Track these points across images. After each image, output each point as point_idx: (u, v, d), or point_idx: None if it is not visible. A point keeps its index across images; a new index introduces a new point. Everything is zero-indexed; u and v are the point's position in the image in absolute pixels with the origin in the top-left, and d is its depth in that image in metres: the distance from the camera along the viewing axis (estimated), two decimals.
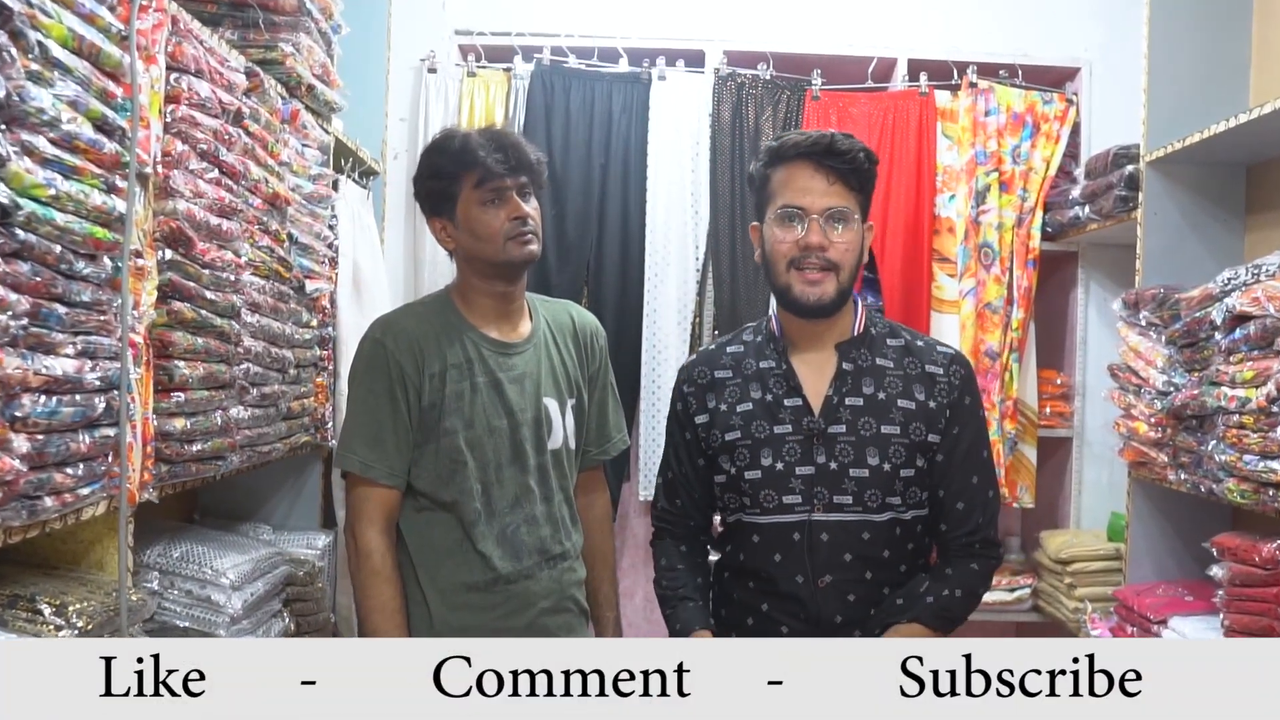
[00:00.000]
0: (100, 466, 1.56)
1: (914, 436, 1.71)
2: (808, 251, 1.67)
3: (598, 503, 2.21)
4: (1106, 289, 3.33)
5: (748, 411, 1.76)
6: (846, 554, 1.69)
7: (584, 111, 3.31)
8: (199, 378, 1.84)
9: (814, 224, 1.67)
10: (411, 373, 1.90)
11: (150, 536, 2.11)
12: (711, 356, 1.86)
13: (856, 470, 1.69)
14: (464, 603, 1.93)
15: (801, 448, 1.71)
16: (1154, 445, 2.52)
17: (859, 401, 1.72)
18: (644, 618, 3.42)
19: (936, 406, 1.73)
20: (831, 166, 1.67)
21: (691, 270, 3.32)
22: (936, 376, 1.74)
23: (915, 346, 1.78)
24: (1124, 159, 2.86)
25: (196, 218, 1.81)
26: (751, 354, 1.81)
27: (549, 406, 2.01)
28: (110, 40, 1.54)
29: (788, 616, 1.72)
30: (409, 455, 1.92)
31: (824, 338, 1.76)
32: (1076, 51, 3.40)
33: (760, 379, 1.77)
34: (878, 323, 1.81)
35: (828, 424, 1.70)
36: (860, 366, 1.74)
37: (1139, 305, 2.60)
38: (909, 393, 1.73)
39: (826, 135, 1.68)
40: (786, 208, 1.69)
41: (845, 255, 1.68)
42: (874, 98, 3.37)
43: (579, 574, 2.07)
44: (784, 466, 1.71)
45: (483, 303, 1.99)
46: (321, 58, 2.52)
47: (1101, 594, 2.96)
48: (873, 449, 1.70)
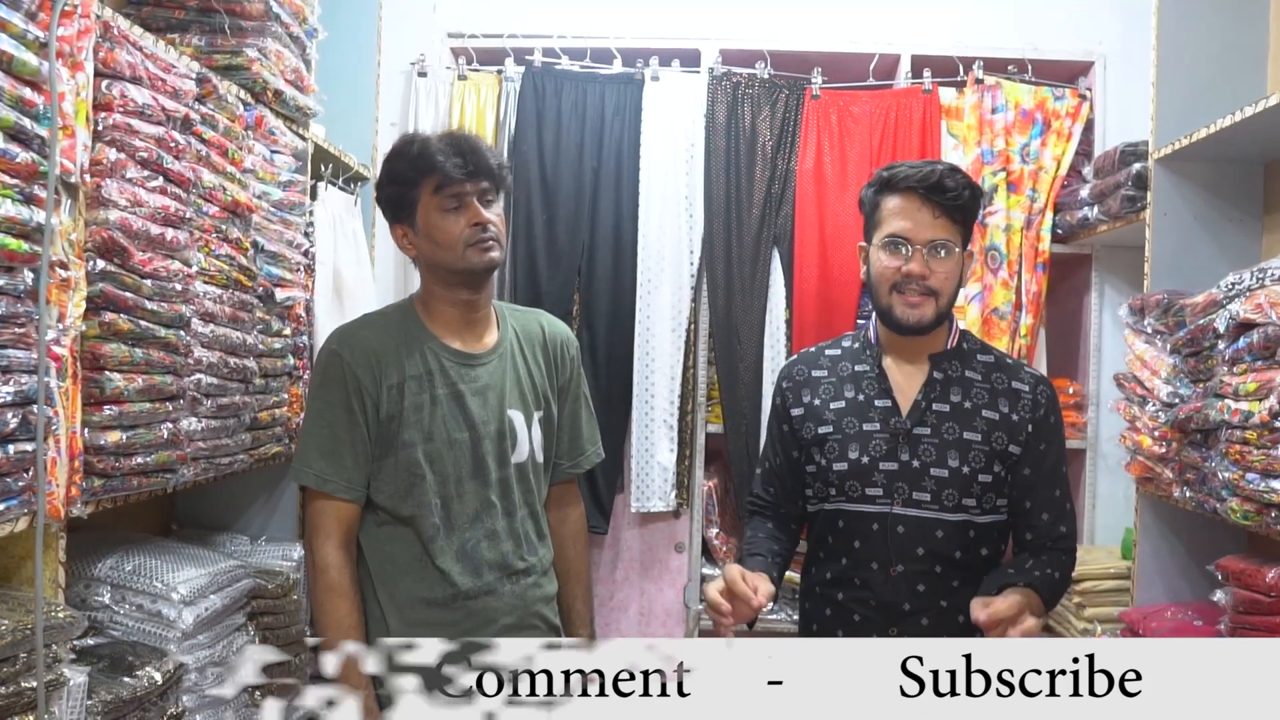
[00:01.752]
0: (17, 482, 1.53)
1: (995, 445, 1.81)
2: (909, 279, 1.78)
3: (571, 517, 2.16)
4: (1122, 293, 3.19)
5: (840, 409, 1.88)
6: (920, 548, 1.79)
7: (576, 114, 3.24)
8: (137, 390, 1.80)
9: (918, 254, 1.78)
10: (369, 384, 1.87)
11: (106, 549, 2.08)
12: (811, 357, 2.00)
13: (937, 470, 1.80)
14: (423, 619, 1.89)
15: (887, 445, 1.82)
16: (1159, 460, 2.39)
17: (945, 408, 1.83)
18: (638, 631, 3.34)
19: (1019, 420, 1.83)
20: (938, 201, 1.77)
21: (686, 276, 3.23)
22: (1022, 393, 1.86)
23: (1005, 364, 1.91)
24: (1131, 156, 2.73)
25: (133, 227, 1.77)
26: (849, 358, 1.94)
27: (513, 419, 1.97)
28: (27, 47, 1.51)
29: (860, 605, 1.83)
30: (367, 468, 1.89)
31: (918, 349, 1.87)
32: (1090, 45, 3.26)
33: (855, 380, 1.90)
34: (970, 340, 1.93)
35: (914, 425, 1.82)
36: (950, 376, 1.86)
37: (1145, 311, 2.47)
38: (994, 404, 1.84)
39: (936, 171, 1.78)
40: (893, 236, 1.80)
41: (945, 283, 1.80)
42: (876, 96, 3.26)
43: (546, 590, 2.02)
44: (869, 461, 1.82)
45: (446, 312, 1.96)
46: (294, 62, 2.48)
47: (1111, 615, 2.82)
48: (954, 452, 1.80)
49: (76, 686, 1.63)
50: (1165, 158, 2.56)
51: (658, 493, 3.22)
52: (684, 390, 3.25)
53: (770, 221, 3.24)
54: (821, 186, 3.21)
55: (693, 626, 3.30)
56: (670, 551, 3.35)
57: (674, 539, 3.35)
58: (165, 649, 1.96)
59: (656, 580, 3.35)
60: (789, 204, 3.23)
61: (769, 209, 3.24)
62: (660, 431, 3.22)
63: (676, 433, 3.24)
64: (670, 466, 3.23)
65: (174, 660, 1.93)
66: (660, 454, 3.22)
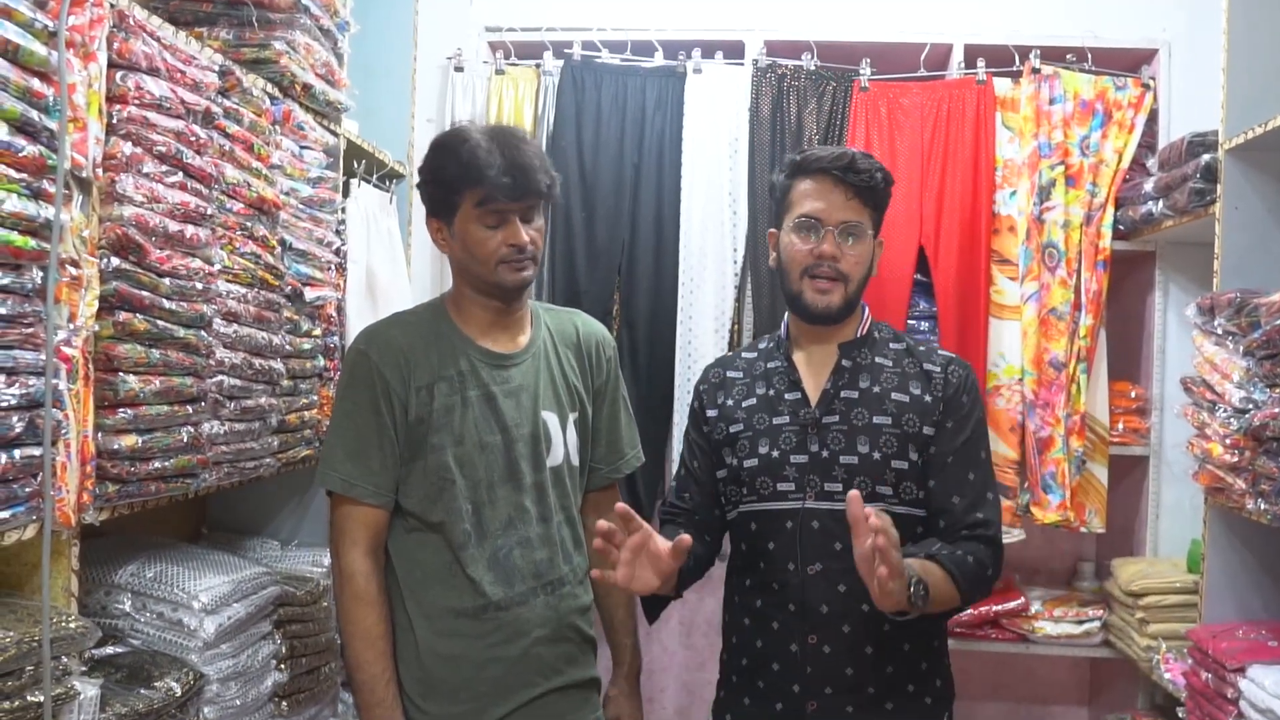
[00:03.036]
0: (24, 488, 1.47)
1: (907, 428, 1.77)
2: (820, 260, 1.76)
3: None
4: (1189, 293, 3.03)
5: (751, 406, 1.85)
6: (837, 543, 1.71)
7: (616, 108, 3.16)
8: (154, 392, 1.74)
9: (829, 235, 1.76)
10: (397, 386, 1.81)
11: (128, 555, 2.03)
12: (728, 360, 1.99)
13: (846, 458, 1.75)
14: (452, 630, 1.83)
15: (797, 437, 1.79)
16: (1231, 469, 2.24)
17: (854, 394, 1.80)
18: (680, 643, 3.26)
19: (932, 401, 1.79)
20: (850, 182, 1.76)
21: (729, 274, 3.13)
22: (933, 374, 1.81)
23: (916, 350, 1.86)
24: (1200, 147, 2.58)
25: (150, 224, 1.71)
26: (763, 357, 1.92)
27: (548, 421, 1.90)
28: (35, 36, 1.45)
29: (778, 609, 1.77)
30: (395, 472, 1.83)
31: (828, 339, 1.84)
32: (1153, 32, 3.11)
33: (766, 377, 1.87)
34: (883, 329, 1.90)
35: (823, 414, 1.79)
36: (859, 364, 1.83)
37: (1215, 311, 2.33)
38: (904, 387, 1.80)
39: (848, 153, 1.77)
40: (805, 217, 1.78)
41: (855, 267, 1.78)
42: (927, 87, 3.13)
43: (581, 600, 1.95)
44: (779, 455, 1.78)
45: (478, 314, 1.90)
46: (324, 56, 2.42)
47: (1176, 631, 2.68)
48: (864, 437, 1.76)
49: (88, 700, 1.57)
50: (1237, 148, 2.40)
51: None
52: None
53: None
54: None
55: None
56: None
57: None
58: (186, 659, 1.90)
59: (698, 589, 3.19)
60: None
61: None
62: None
63: None
64: None
65: (194, 671, 1.87)
66: None
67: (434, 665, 1.83)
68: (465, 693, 1.82)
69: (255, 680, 2.08)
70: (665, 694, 3.24)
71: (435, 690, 1.83)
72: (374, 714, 1.77)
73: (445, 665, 1.83)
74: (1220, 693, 2.21)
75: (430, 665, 1.83)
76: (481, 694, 1.83)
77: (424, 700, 1.83)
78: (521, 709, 1.85)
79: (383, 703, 1.78)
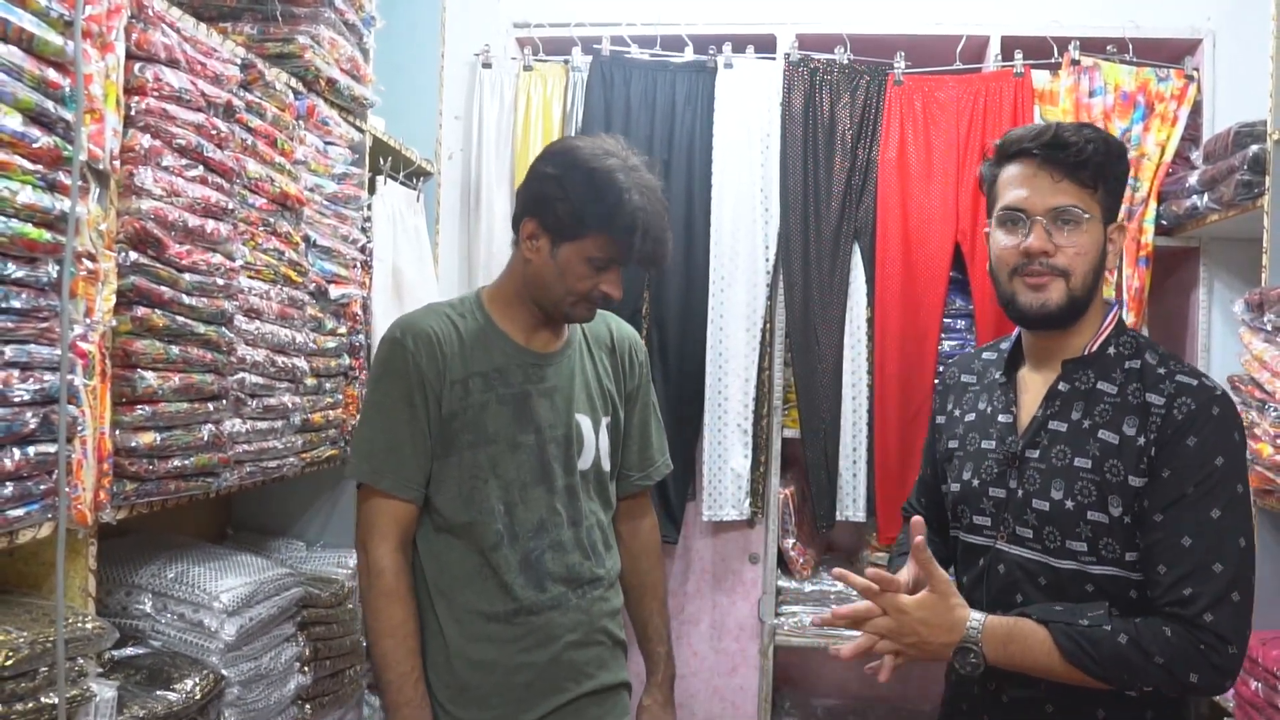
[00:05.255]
0: (39, 486, 1.45)
1: (1108, 475, 1.44)
2: (1030, 258, 1.49)
3: (644, 529, 2.05)
4: (1234, 289, 2.93)
5: (970, 422, 1.65)
6: (1018, 594, 1.50)
7: (645, 104, 3.11)
8: (173, 389, 1.71)
9: (1037, 226, 1.49)
10: (432, 378, 1.76)
11: (149, 554, 2.01)
12: (967, 359, 1.77)
13: (1039, 502, 1.50)
14: (484, 634, 1.79)
15: (999, 467, 1.56)
16: None
17: (1062, 427, 1.51)
18: (710, 647, 3.19)
19: (1145, 443, 1.43)
20: (1059, 162, 1.49)
21: (761, 273, 3.07)
22: (1153, 406, 1.44)
23: (1152, 372, 1.49)
24: (1247, 138, 2.49)
25: (169, 218, 1.68)
26: (997, 364, 1.66)
27: (581, 423, 1.86)
28: (50, 25, 1.43)
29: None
30: (427, 467, 1.78)
31: (1054, 354, 1.56)
32: (1197, 21, 3.01)
33: (990, 390, 1.65)
34: (1125, 342, 1.53)
35: (1026, 447, 1.53)
36: (1077, 388, 1.52)
37: (1264, 307, 2.24)
38: (1116, 424, 1.46)
39: (1052, 126, 1.50)
40: (1008, 209, 1.52)
41: (1076, 259, 1.48)
42: (964, 80, 3.05)
43: (612, 603, 1.91)
44: (979, 485, 1.58)
45: (523, 316, 1.85)
46: (349, 51, 2.40)
47: None
48: (1059, 481, 1.48)
49: (104, 702, 1.55)
50: None
51: (731, 500, 3.07)
52: (759, 393, 3.09)
53: (850, 215, 3.06)
54: (905, 177, 3.02)
55: (767, 642, 3.13)
56: (744, 563, 3.18)
57: (748, 549, 3.19)
58: (207, 661, 1.88)
59: (729, 593, 3.20)
60: (870, 196, 3.05)
61: (849, 202, 3.06)
62: (734, 436, 3.06)
63: (751, 438, 3.07)
64: (744, 473, 3.07)
65: (215, 673, 1.85)
66: (734, 460, 3.06)
67: (464, 671, 1.78)
68: (496, 698, 1.78)
69: (278, 683, 2.05)
70: (695, 699, 3.18)
71: (466, 696, 1.78)
72: (402, 714, 1.72)
73: (476, 670, 1.78)
74: (1270, 702, 2.13)
75: (461, 670, 1.78)
76: (513, 700, 1.78)
77: (454, 705, 1.78)
78: (553, 714, 1.80)
79: (411, 702, 1.73)
